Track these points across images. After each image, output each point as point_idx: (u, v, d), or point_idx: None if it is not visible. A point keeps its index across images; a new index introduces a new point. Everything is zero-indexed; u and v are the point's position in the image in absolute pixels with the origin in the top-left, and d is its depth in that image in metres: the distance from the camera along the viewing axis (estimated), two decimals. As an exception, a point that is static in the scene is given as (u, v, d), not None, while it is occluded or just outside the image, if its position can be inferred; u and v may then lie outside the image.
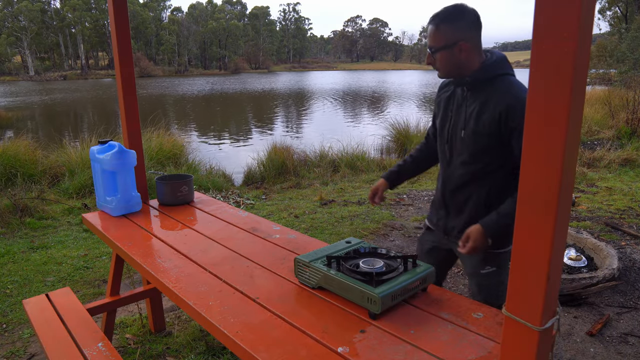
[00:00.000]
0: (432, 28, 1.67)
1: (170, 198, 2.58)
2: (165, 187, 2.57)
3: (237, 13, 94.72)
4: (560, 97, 0.82)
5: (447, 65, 1.69)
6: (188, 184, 2.62)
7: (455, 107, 1.79)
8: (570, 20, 0.78)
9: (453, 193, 1.86)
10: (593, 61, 22.21)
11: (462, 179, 1.81)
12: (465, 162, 1.78)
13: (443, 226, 1.94)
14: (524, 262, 0.93)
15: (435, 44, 1.66)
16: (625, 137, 8.65)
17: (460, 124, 1.76)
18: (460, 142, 1.77)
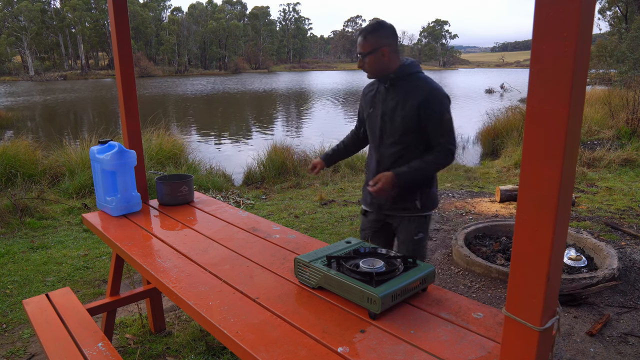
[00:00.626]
0: (361, 39, 2.11)
1: (170, 198, 2.58)
2: (165, 187, 2.56)
3: (237, 13, 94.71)
4: (560, 97, 0.82)
5: (374, 66, 2.14)
6: (188, 184, 2.61)
7: (382, 100, 2.21)
8: (570, 20, 0.78)
9: (386, 170, 2.19)
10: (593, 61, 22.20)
11: (393, 157, 2.23)
12: (395, 142, 2.20)
13: (377, 202, 2.31)
14: (524, 262, 0.93)
15: (364, 50, 2.11)
16: (625, 137, 8.65)
17: (389, 112, 2.18)
18: (390, 126, 2.19)
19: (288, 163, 7.41)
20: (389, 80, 2.16)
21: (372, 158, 2.33)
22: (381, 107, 2.21)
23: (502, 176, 7.04)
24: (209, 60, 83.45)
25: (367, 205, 2.39)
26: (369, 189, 2.17)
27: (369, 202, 2.35)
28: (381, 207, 2.31)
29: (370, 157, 2.35)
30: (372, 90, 2.30)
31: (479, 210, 5.10)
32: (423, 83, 2.14)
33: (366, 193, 2.35)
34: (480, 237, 4.02)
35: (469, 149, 10.39)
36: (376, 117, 2.24)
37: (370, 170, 2.33)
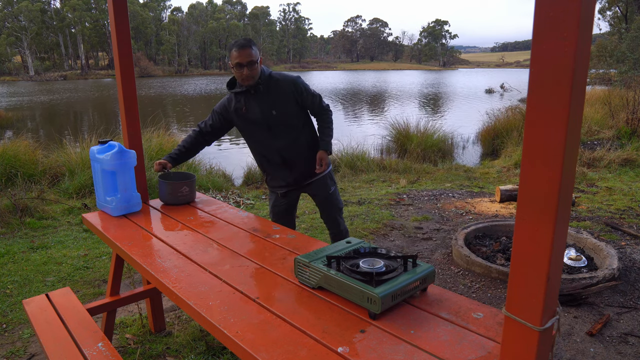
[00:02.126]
0: (249, 49, 2.43)
1: (171, 198, 2.57)
2: (166, 186, 2.56)
3: (237, 13, 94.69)
4: (560, 97, 0.82)
5: (258, 72, 2.50)
6: (190, 184, 2.61)
7: (257, 101, 2.54)
8: (570, 20, 0.78)
9: (291, 154, 2.65)
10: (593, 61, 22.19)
11: (292, 142, 2.64)
12: (288, 129, 2.60)
13: (294, 181, 2.74)
14: (524, 262, 0.93)
15: (255, 58, 2.44)
16: (625, 137, 8.65)
17: (268, 108, 2.54)
18: (275, 119, 2.56)
19: (288, 163, 7.40)
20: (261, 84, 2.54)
21: (266, 151, 2.69)
22: (258, 106, 2.55)
23: (502, 176, 7.04)
24: (209, 60, 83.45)
25: (287, 186, 2.78)
26: (318, 171, 2.68)
27: (288, 182, 2.76)
28: (299, 183, 2.77)
29: (262, 150, 2.71)
30: (240, 99, 2.60)
31: (479, 210, 5.10)
32: (282, 77, 2.60)
33: (277, 180, 2.77)
34: (480, 237, 4.02)
35: (469, 149, 10.39)
36: (259, 116, 2.57)
37: (273, 161, 2.70)
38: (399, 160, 8.12)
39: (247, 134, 2.71)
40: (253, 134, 2.68)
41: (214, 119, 2.70)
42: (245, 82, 2.48)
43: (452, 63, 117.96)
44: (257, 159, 2.80)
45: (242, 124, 2.66)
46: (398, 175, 7.25)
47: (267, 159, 2.72)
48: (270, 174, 2.80)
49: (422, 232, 4.44)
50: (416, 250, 4.00)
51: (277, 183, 2.80)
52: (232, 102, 2.62)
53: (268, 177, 2.84)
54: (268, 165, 2.77)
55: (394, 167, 7.65)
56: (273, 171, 2.77)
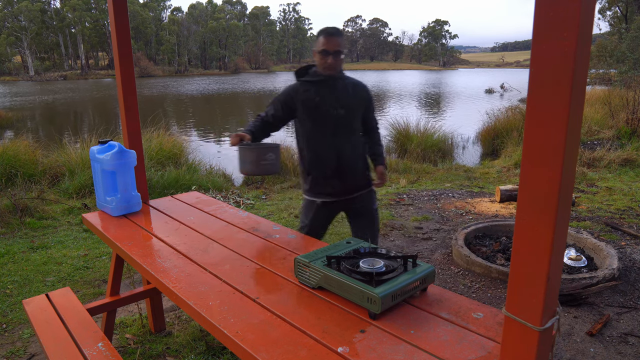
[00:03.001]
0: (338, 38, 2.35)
1: (254, 166, 2.21)
2: (249, 153, 2.20)
3: (237, 13, 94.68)
4: (560, 97, 0.82)
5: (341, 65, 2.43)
6: (275, 151, 2.23)
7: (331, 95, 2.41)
8: (570, 20, 0.78)
9: (347, 159, 2.48)
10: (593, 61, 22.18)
11: (352, 147, 2.50)
12: (350, 133, 2.48)
13: (342, 190, 2.52)
14: (524, 262, 0.93)
15: (341, 49, 2.36)
16: (625, 137, 8.65)
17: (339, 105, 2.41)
18: (342, 119, 2.43)
19: (288, 163, 7.41)
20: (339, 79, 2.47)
21: (322, 150, 2.47)
22: (328, 101, 2.42)
23: (502, 176, 7.04)
24: (209, 60, 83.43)
25: (333, 194, 2.53)
26: (377, 186, 2.59)
27: (336, 191, 2.52)
28: (347, 192, 2.55)
29: (317, 150, 2.48)
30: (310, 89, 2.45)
31: (479, 210, 5.10)
32: (356, 80, 2.57)
33: (325, 186, 2.52)
34: (480, 237, 4.02)
35: (469, 149, 10.39)
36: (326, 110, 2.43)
37: (326, 163, 2.48)
38: (399, 160, 8.12)
39: (308, 127, 2.47)
40: (314, 128, 2.46)
41: (278, 108, 2.49)
42: (326, 70, 2.37)
43: (452, 63, 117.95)
44: (309, 156, 2.52)
45: (307, 115, 2.45)
46: (398, 175, 7.25)
47: (322, 159, 2.48)
48: (317, 177, 2.52)
49: (422, 232, 4.44)
50: (416, 250, 4.00)
51: (323, 189, 2.53)
52: (299, 91, 2.44)
53: (313, 181, 2.54)
54: (319, 166, 2.50)
55: (394, 167, 7.65)
56: (322, 174, 2.50)
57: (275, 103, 2.50)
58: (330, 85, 2.42)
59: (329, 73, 2.38)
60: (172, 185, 6.04)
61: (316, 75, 2.44)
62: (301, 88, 2.45)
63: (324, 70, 2.38)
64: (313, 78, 2.44)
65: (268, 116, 2.50)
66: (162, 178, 6.08)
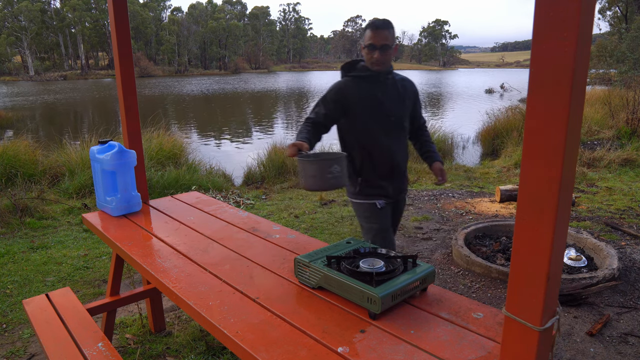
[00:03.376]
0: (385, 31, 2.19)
1: (317, 181, 1.94)
2: (310, 166, 1.95)
3: (237, 13, 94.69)
4: (560, 97, 0.82)
5: (390, 60, 2.29)
6: (340, 162, 1.96)
7: (382, 91, 2.30)
8: (570, 20, 0.78)
9: (399, 159, 2.39)
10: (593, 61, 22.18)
11: (403, 146, 2.42)
12: (400, 131, 2.37)
13: (392, 192, 2.42)
14: (524, 262, 0.93)
15: (390, 43, 2.21)
16: (625, 137, 8.65)
17: (389, 102, 2.31)
18: (393, 117, 2.32)
19: (288, 163, 7.41)
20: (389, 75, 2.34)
21: (375, 151, 2.33)
22: (385, 101, 2.30)
23: (502, 176, 7.04)
24: (209, 60, 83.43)
25: (386, 196, 2.40)
26: (439, 183, 2.49)
27: (388, 193, 2.40)
28: (396, 193, 2.45)
29: (369, 150, 2.33)
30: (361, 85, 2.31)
31: (479, 210, 5.10)
32: (404, 76, 2.46)
33: (383, 187, 2.38)
34: (480, 237, 4.02)
35: (469, 149, 10.39)
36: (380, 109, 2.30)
37: (380, 163, 2.35)
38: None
39: (359, 127, 2.32)
40: (367, 127, 2.31)
41: (330, 107, 2.31)
42: (374, 66, 2.24)
43: (452, 63, 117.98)
44: (360, 158, 2.36)
45: (359, 113, 2.29)
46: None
47: (374, 159, 2.34)
48: (369, 180, 2.38)
49: (422, 232, 4.44)
50: (416, 250, 4.00)
51: (375, 191, 2.39)
52: (350, 87, 2.30)
53: (364, 183, 2.39)
54: (370, 167, 2.36)
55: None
56: (373, 175, 2.37)
57: (325, 102, 2.33)
58: (382, 81, 2.30)
59: (377, 69, 2.24)
60: (172, 185, 6.04)
61: (365, 70, 2.29)
62: (351, 84, 2.31)
63: (372, 66, 2.25)
64: (362, 73, 2.29)
65: (319, 117, 2.31)
66: (162, 178, 6.08)
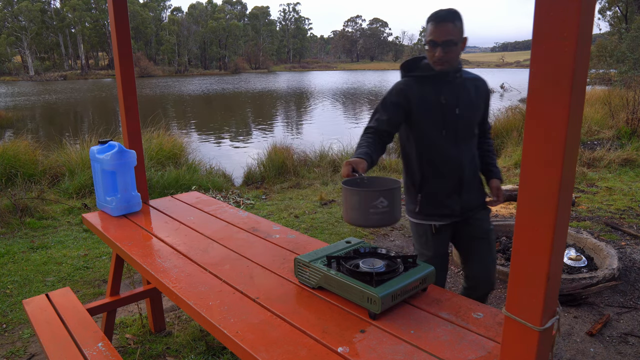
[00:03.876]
0: (451, 24, 1.89)
1: (358, 214, 1.55)
2: (351, 197, 1.57)
3: (237, 13, 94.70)
4: (560, 97, 0.82)
5: (457, 57, 1.96)
6: (388, 195, 1.54)
7: (450, 93, 2.00)
8: (570, 20, 0.78)
9: (469, 170, 2.06)
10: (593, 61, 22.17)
11: (472, 156, 2.09)
12: (469, 138, 2.06)
13: (461, 209, 2.09)
14: (524, 262, 0.93)
15: (454, 38, 1.90)
16: (625, 137, 8.65)
17: (457, 104, 2.00)
18: (461, 122, 2.01)
19: (288, 163, 7.41)
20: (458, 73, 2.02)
21: (439, 160, 2.03)
22: (449, 102, 2.01)
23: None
24: (209, 60, 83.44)
25: (451, 215, 2.07)
26: (493, 204, 2.12)
27: (454, 210, 2.06)
28: (465, 210, 2.10)
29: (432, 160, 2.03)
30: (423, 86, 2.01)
31: (479, 210, 5.10)
32: (475, 74, 2.13)
33: (445, 205, 2.06)
34: (480, 237, 4.01)
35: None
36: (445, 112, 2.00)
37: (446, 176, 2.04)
38: (399, 160, 8.11)
39: (422, 133, 2.04)
40: (431, 135, 2.02)
41: (391, 110, 2.02)
42: (436, 65, 1.95)
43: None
44: (421, 169, 2.07)
45: (422, 118, 2.02)
46: (398, 175, 7.25)
47: (437, 171, 2.04)
48: (431, 195, 2.07)
49: (422, 232, 4.43)
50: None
51: (438, 210, 2.07)
52: (413, 88, 2.02)
53: (425, 199, 2.07)
54: (433, 182, 2.06)
55: (394, 167, 7.64)
56: (437, 191, 2.06)
57: (385, 106, 2.04)
58: (449, 81, 2.00)
59: (440, 68, 1.96)
60: (172, 185, 6.04)
61: (428, 69, 2.00)
62: (414, 84, 2.03)
63: (434, 65, 1.96)
64: (426, 72, 2.01)
65: (380, 124, 2.01)
66: (162, 178, 6.08)
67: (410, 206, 2.14)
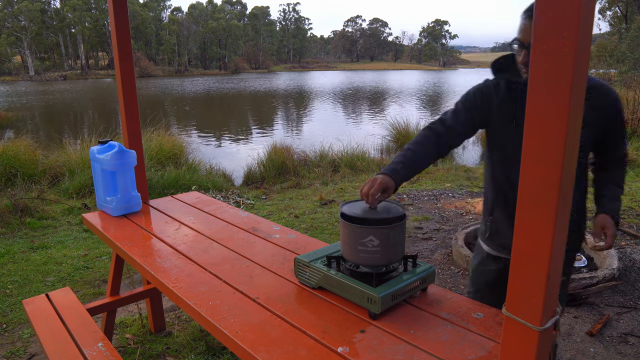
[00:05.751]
0: None
1: (347, 249, 1.47)
2: (342, 228, 1.48)
3: (237, 13, 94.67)
4: (560, 97, 0.82)
5: None
6: (380, 234, 1.40)
7: None
8: (570, 20, 0.78)
9: None
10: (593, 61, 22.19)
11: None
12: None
13: None
14: (524, 262, 0.93)
15: None
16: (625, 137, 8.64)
17: None
18: None
19: (288, 163, 7.41)
20: None
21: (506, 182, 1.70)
22: None
23: (502, 176, 7.03)
24: (209, 60, 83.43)
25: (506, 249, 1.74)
26: (596, 248, 1.71)
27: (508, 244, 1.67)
28: None
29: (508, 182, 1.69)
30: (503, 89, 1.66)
31: (479, 210, 5.10)
32: None
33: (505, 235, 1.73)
34: (480, 237, 4.02)
35: (469, 149, 10.39)
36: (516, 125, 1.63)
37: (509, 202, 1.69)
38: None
39: (499, 149, 1.70)
40: (507, 152, 1.67)
41: (465, 111, 1.71)
42: (522, 72, 1.56)
43: (452, 63, 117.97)
44: (492, 192, 1.76)
45: (501, 131, 1.67)
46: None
47: (510, 198, 1.69)
48: (499, 222, 1.76)
49: (422, 232, 4.44)
50: (416, 250, 4.00)
51: (505, 240, 1.74)
52: (500, 91, 1.67)
53: (494, 224, 1.77)
54: (504, 209, 1.73)
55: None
56: (507, 220, 1.72)
57: (462, 104, 1.73)
58: None
59: (527, 77, 1.58)
60: (172, 185, 6.05)
61: (519, 74, 1.59)
62: (502, 87, 1.67)
63: (522, 70, 1.56)
64: (516, 78, 1.61)
65: (442, 123, 1.70)
66: (162, 178, 6.08)
67: (482, 227, 1.87)
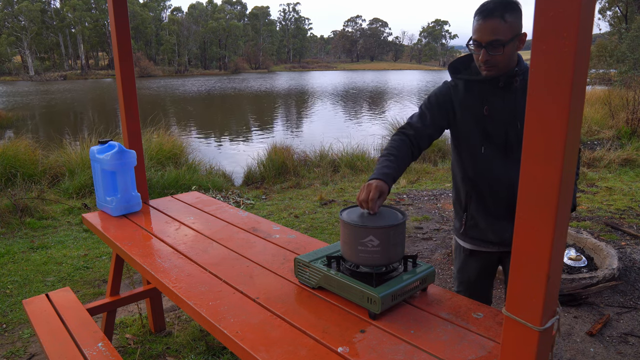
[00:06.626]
0: (498, 20, 1.53)
1: (347, 250, 1.50)
2: (342, 228, 1.52)
3: (237, 13, 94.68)
4: (560, 97, 0.82)
5: (510, 58, 1.60)
6: (380, 234, 1.43)
7: (501, 101, 1.67)
8: (570, 20, 0.78)
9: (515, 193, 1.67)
10: (593, 61, 22.20)
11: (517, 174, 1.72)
12: None
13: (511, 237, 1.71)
14: (524, 262, 0.93)
15: (503, 37, 1.54)
16: (625, 137, 8.65)
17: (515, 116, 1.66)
18: (518, 137, 1.63)
19: (288, 163, 7.41)
20: (517, 76, 1.66)
21: (489, 179, 1.76)
22: (503, 110, 1.69)
23: (502, 176, 7.03)
24: (209, 60, 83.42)
25: (499, 244, 1.82)
26: None
27: (504, 239, 1.79)
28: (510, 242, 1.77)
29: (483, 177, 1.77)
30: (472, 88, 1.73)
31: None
32: None
33: (492, 230, 1.80)
34: (480, 237, 4.02)
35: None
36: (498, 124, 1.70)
37: (493, 198, 1.76)
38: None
39: (466, 145, 1.79)
40: (476, 147, 1.75)
41: (431, 112, 1.78)
42: (482, 70, 1.64)
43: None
44: (464, 188, 1.84)
45: (466, 128, 1.76)
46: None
47: (484, 192, 1.78)
48: (476, 217, 1.83)
49: (422, 232, 4.44)
50: (416, 250, 4.00)
51: (482, 235, 1.83)
52: (459, 91, 1.75)
53: (470, 221, 1.85)
54: (478, 204, 1.81)
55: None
56: (483, 214, 1.81)
57: (426, 106, 1.81)
58: (502, 87, 1.67)
59: (487, 74, 1.64)
60: (172, 185, 6.05)
61: (477, 72, 1.69)
62: (461, 87, 1.75)
63: (480, 69, 1.66)
64: (474, 77, 1.71)
65: (411, 126, 1.79)
66: (162, 178, 6.08)
67: (457, 224, 1.94)
